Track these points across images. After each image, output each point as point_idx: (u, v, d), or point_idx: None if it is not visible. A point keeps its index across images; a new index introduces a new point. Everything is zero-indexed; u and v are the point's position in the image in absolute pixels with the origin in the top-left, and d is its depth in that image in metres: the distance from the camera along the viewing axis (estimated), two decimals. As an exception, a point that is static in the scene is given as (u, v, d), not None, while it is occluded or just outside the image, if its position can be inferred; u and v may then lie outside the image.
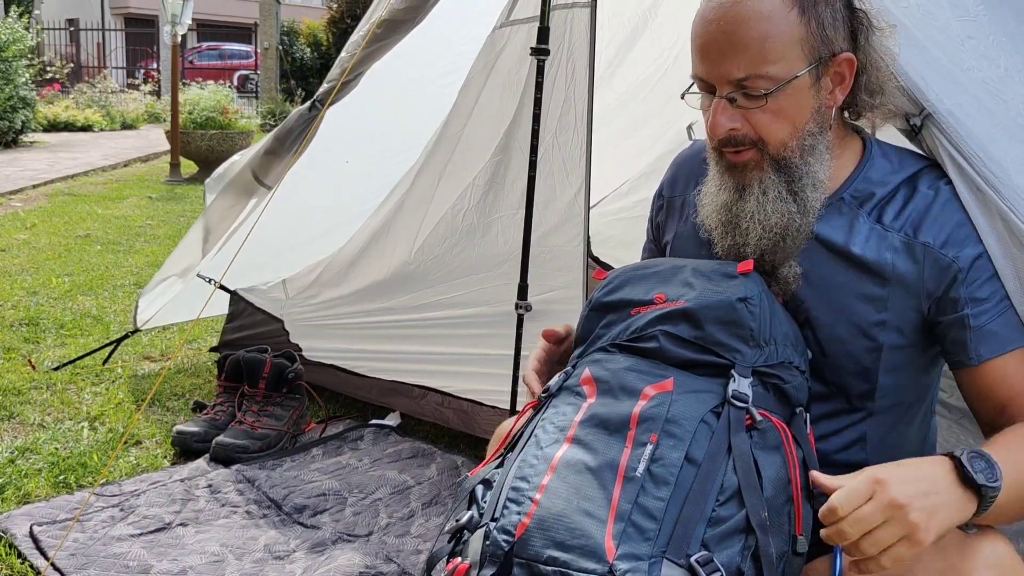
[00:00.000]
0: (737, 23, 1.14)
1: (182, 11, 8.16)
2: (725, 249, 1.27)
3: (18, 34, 10.49)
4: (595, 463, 1.03)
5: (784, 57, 1.16)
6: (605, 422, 1.07)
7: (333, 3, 19.03)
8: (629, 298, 1.22)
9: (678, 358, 1.14)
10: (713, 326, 1.14)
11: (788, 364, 1.16)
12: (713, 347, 1.13)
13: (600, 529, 0.97)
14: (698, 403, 1.08)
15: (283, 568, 1.87)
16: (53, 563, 1.81)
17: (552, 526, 0.98)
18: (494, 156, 2.44)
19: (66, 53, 20.33)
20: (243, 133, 8.62)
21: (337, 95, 2.30)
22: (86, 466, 2.29)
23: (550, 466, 1.04)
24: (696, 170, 1.42)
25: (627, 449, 1.03)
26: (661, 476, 1.01)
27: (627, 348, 1.17)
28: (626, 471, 1.01)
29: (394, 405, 2.72)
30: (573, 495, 1.00)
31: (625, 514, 0.98)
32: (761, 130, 1.19)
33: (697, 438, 1.04)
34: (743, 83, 1.16)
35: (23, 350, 3.21)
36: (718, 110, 1.18)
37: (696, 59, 1.19)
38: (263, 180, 2.52)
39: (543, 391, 1.20)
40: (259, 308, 2.96)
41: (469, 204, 2.52)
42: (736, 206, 1.24)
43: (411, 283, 2.68)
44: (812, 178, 1.22)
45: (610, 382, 1.12)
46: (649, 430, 1.04)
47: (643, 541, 0.96)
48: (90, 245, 5.15)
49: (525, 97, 2.31)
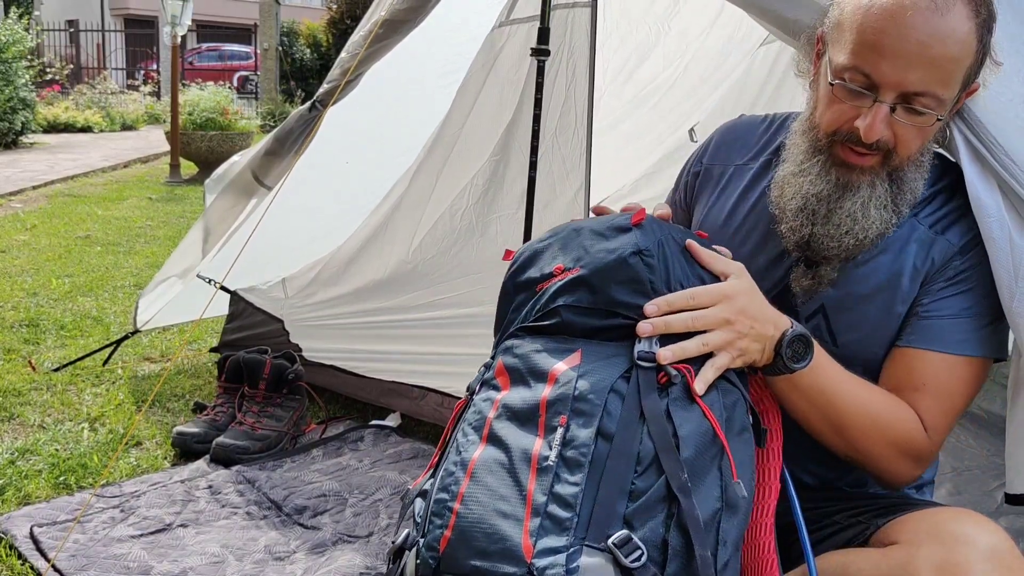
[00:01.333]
0: (937, 39, 1.10)
1: (182, 12, 8.16)
2: (795, 232, 1.25)
3: (18, 35, 10.49)
4: (508, 459, 0.99)
5: (956, 82, 1.15)
6: (516, 413, 1.04)
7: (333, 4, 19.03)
8: (533, 275, 1.18)
9: (584, 327, 1.10)
10: (611, 287, 1.10)
11: None
12: (616, 308, 1.10)
13: (517, 528, 0.94)
14: (607, 372, 1.04)
15: (283, 569, 1.87)
16: (54, 564, 1.80)
17: (471, 534, 0.95)
18: (493, 156, 2.43)
19: (66, 54, 20.33)
20: (243, 134, 8.62)
21: (337, 96, 2.30)
22: (86, 467, 2.29)
23: (467, 472, 1.00)
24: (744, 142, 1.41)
25: (539, 438, 1.00)
26: (573, 459, 0.97)
27: (534, 329, 1.13)
28: (539, 461, 0.98)
29: (394, 406, 2.71)
30: (489, 498, 0.97)
31: (540, 507, 0.95)
32: (901, 143, 1.17)
33: (609, 410, 1.00)
34: (913, 96, 1.13)
35: (23, 351, 3.20)
36: (879, 116, 1.14)
37: (871, 55, 1.13)
38: (263, 181, 2.52)
39: (467, 389, 1.16)
40: (259, 308, 2.96)
41: (467, 203, 2.51)
42: (834, 201, 1.21)
43: (410, 282, 2.68)
44: (913, 193, 1.23)
45: (521, 369, 1.09)
46: (558, 412, 1.01)
47: (560, 532, 0.93)
48: (90, 246, 5.15)
49: (524, 96, 2.31)
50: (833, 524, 1.26)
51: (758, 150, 1.40)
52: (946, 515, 1.12)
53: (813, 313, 1.29)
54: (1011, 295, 1.21)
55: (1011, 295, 1.21)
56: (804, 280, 1.27)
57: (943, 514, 1.13)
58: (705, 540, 0.94)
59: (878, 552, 1.13)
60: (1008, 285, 1.21)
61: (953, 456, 2.24)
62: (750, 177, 1.39)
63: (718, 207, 1.40)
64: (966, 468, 2.19)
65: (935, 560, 1.04)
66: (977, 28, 1.12)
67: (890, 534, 1.15)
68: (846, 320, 1.28)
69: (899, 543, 1.11)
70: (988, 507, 1.95)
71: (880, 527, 1.19)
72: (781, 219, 1.27)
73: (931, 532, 1.08)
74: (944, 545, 1.04)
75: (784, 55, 2.89)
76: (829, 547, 1.20)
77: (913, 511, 1.18)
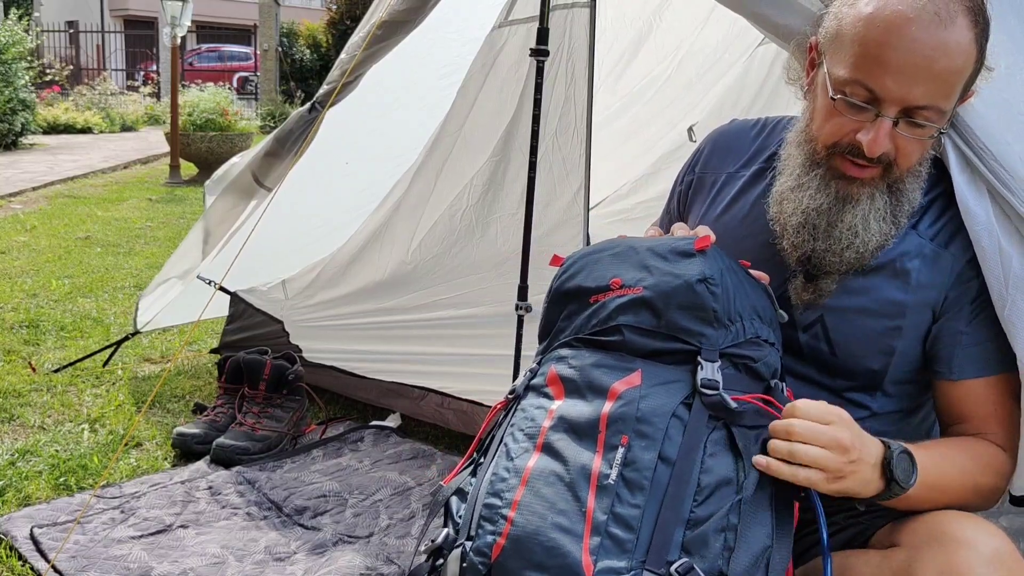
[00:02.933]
0: (942, 53, 1.08)
1: (181, 13, 8.17)
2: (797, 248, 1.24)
3: (18, 36, 10.49)
4: (566, 472, 1.00)
5: (956, 92, 1.14)
6: (574, 426, 1.04)
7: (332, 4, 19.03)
8: (586, 285, 1.17)
9: (644, 348, 1.10)
10: (675, 312, 1.10)
11: (756, 339, 1.13)
12: (677, 333, 1.10)
13: (576, 545, 0.94)
14: (668, 396, 1.04)
15: (284, 570, 1.87)
16: (54, 565, 1.80)
17: (528, 545, 0.95)
18: (492, 156, 2.44)
19: (66, 55, 20.31)
20: (243, 135, 8.62)
21: (337, 97, 2.30)
22: (86, 468, 2.29)
23: (521, 479, 1.01)
24: (735, 149, 1.40)
25: (598, 454, 1.00)
26: (635, 481, 0.98)
27: (591, 342, 1.13)
28: (599, 479, 0.98)
29: (394, 406, 2.71)
30: (547, 510, 0.97)
31: (601, 526, 0.95)
32: (902, 156, 1.16)
33: (670, 435, 1.01)
34: (916, 110, 1.11)
35: (23, 352, 3.20)
36: (882, 131, 1.12)
37: (874, 69, 1.10)
38: (263, 182, 2.52)
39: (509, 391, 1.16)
40: (259, 309, 2.96)
41: (467, 204, 2.52)
42: (835, 214, 1.19)
43: (410, 283, 2.68)
44: (911, 203, 1.21)
45: (577, 381, 1.09)
46: (619, 432, 1.01)
47: (621, 554, 0.94)
48: (90, 247, 5.15)
49: (524, 97, 2.31)
50: (833, 525, 1.26)
51: (749, 157, 1.38)
52: (947, 517, 1.12)
53: (812, 323, 1.28)
54: (1003, 303, 1.20)
55: (1003, 303, 1.20)
56: (805, 294, 1.26)
57: (944, 516, 1.13)
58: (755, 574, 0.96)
59: (879, 554, 1.13)
60: (999, 293, 1.20)
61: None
62: (741, 185, 1.37)
63: (710, 216, 1.39)
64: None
65: (936, 563, 1.03)
66: (977, 37, 1.11)
67: (891, 536, 1.15)
68: (845, 331, 1.27)
69: (900, 545, 1.11)
70: (988, 507, 1.95)
71: (881, 528, 1.19)
72: (783, 235, 1.25)
73: (932, 535, 1.08)
74: (945, 548, 1.04)
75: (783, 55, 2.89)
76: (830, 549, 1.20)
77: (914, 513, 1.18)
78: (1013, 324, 1.20)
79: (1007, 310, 1.20)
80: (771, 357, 1.14)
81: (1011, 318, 1.20)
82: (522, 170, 2.26)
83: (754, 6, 1.46)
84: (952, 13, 1.08)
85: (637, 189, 3.61)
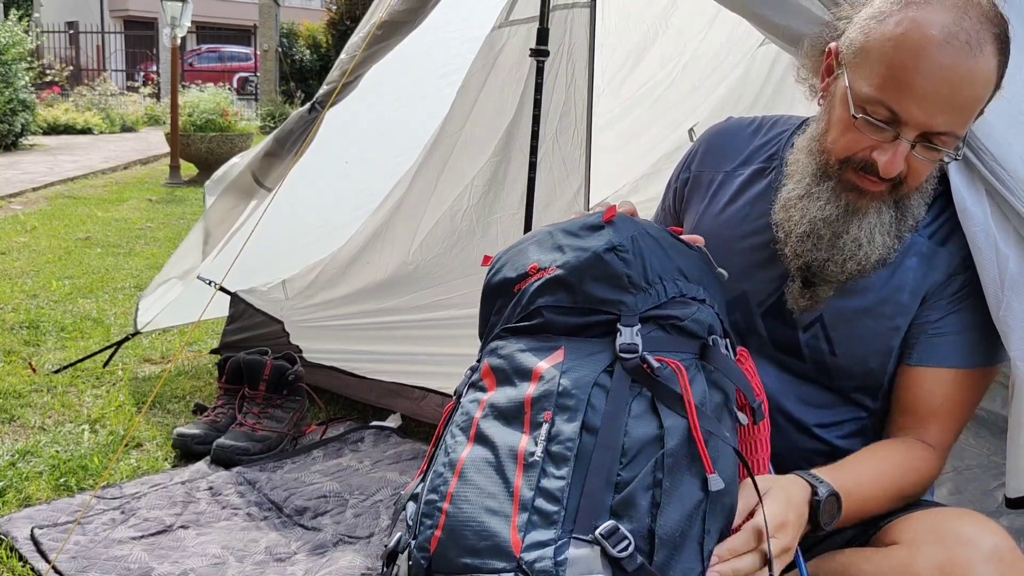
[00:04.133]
0: (968, 83, 1.08)
1: (181, 13, 8.17)
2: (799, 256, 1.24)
3: (17, 37, 10.49)
4: (496, 457, 1.00)
5: (974, 119, 1.14)
6: (503, 412, 1.05)
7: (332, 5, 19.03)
8: (509, 276, 1.19)
9: (565, 326, 1.11)
10: (589, 284, 1.11)
11: (682, 298, 1.13)
12: (595, 305, 1.10)
13: (505, 524, 0.94)
14: (590, 367, 1.04)
15: (284, 570, 1.87)
16: (54, 566, 1.80)
17: (461, 533, 0.96)
18: (493, 156, 2.44)
19: (65, 56, 20.31)
20: (243, 135, 8.63)
21: (337, 97, 2.30)
22: (87, 469, 2.29)
23: (455, 472, 1.01)
24: (732, 148, 1.40)
25: (525, 434, 1.01)
26: (559, 453, 0.98)
27: (517, 330, 1.14)
28: (525, 457, 0.99)
29: (394, 407, 2.71)
30: (477, 496, 0.98)
31: (528, 502, 0.95)
32: (912, 175, 1.16)
33: (593, 404, 1.01)
34: (935, 135, 1.11)
35: (23, 353, 3.20)
36: (900, 153, 1.12)
37: (899, 92, 1.09)
38: (263, 182, 2.52)
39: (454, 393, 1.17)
40: (259, 310, 2.96)
41: (468, 204, 2.52)
42: (840, 226, 1.20)
43: (410, 284, 2.68)
44: (915, 218, 1.22)
45: (506, 369, 1.09)
46: (543, 409, 1.01)
47: (548, 526, 0.94)
48: (90, 248, 5.15)
49: (524, 97, 2.31)
50: (833, 524, 1.26)
51: (748, 156, 1.38)
52: (947, 515, 1.12)
53: (811, 323, 1.29)
54: (998, 304, 1.20)
55: (998, 304, 1.20)
56: (801, 300, 1.27)
57: (944, 514, 1.13)
58: (690, 530, 0.95)
59: (879, 552, 1.13)
60: (995, 294, 1.20)
61: (954, 455, 2.23)
62: (740, 183, 1.37)
63: (709, 214, 1.39)
64: (967, 467, 2.18)
65: (936, 560, 1.03)
66: (1000, 64, 1.11)
67: (891, 534, 1.15)
68: (844, 331, 1.27)
69: (900, 543, 1.11)
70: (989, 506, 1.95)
71: (881, 527, 1.19)
72: (786, 241, 1.25)
73: (932, 532, 1.08)
74: (945, 545, 1.04)
75: (784, 56, 2.89)
76: (830, 547, 1.20)
77: (914, 511, 1.18)
78: (1008, 325, 1.20)
79: (1002, 311, 1.20)
80: (702, 314, 1.12)
81: (1006, 319, 1.20)
82: (523, 170, 2.26)
83: (754, 7, 1.46)
84: (981, 42, 1.07)
85: (637, 189, 3.61)
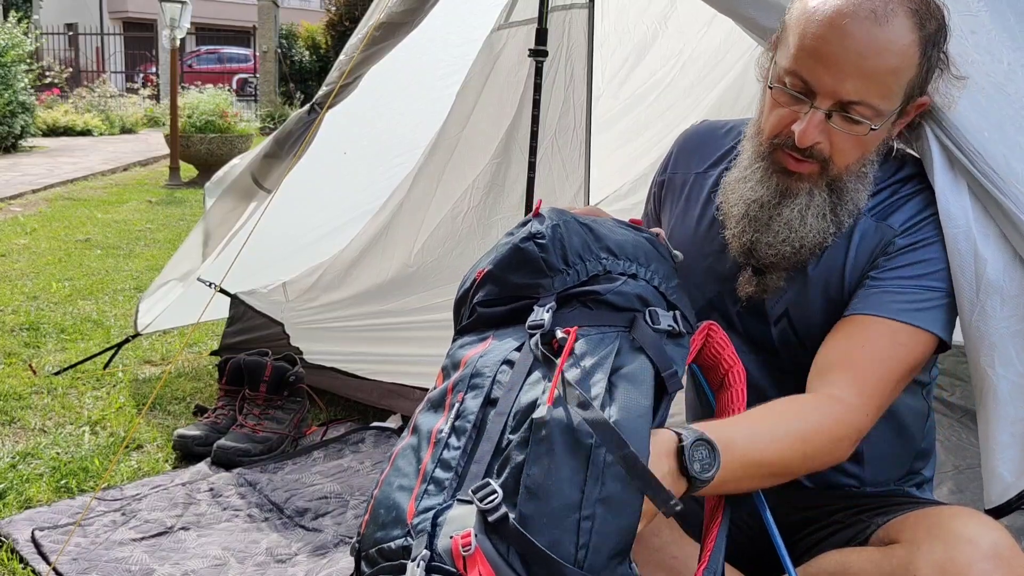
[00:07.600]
0: (875, 51, 1.10)
1: (180, 15, 8.17)
2: (737, 238, 1.26)
3: (17, 39, 10.49)
4: (417, 441, 1.07)
5: (895, 94, 1.15)
6: (432, 402, 1.12)
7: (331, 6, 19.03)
8: (465, 287, 1.25)
9: (494, 317, 1.17)
10: (511, 275, 1.17)
11: (607, 274, 1.14)
12: (517, 292, 1.16)
13: (407, 497, 1.00)
14: (504, 347, 1.09)
15: (285, 571, 1.87)
16: (55, 568, 1.80)
17: (376, 512, 1.02)
18: (494, 158, 2.44)
19: (65, 58, 20.30)
20: (242, 137, 8.62)
21: (336, 98, 2.30)
22: (87, 470, 2.29)
23: (390, 462, 1.09)
24: (703, 150, 1.42)
25: (443, 417, 1.07)
26: (460, 427, 1.03)
27: (463, 330, 1.21)
28: (437, 435, 1.04)
29: (395, 407, 2.71)
30: (396, 477, 1.04)
31: (428, 475, 1.00)
32: (837, 152, 1.18)
33: (498, 380, 1.05)
34: (849, 104, 1.13)
35: (24, 355, 3.21)
36: (813, 121, 1.15)
37: (809, 61, 1.14)
38: (263, 183, 2.52)
39: None
40: (259, 311, 2.96)
41: (469, 206, 2.52)
42: (773, 208, 1.22)
43: (411, 285, 2.68)
44: (855, 204, 1.23)
45: (447, 367, 1.16)
46: (458, 391, 1.08)
47: (439, 492, 0.98)
48: (90, 249, 5.15)
49: (524, 99, 2.32)
50: (833, 523, 1.26)
51: (718, 157, 1.40)
52: (947, 513, 1.12)
53: (780, 316, 1.30)
54: (972, 308, 1.19)
55: (972, 308, 1.19)
56: (748, 287, 1.29)
57: (944, 512, 1.13)
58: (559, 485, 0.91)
59: (879, 551, 1.13)
60: (969, 298, 1.19)
61: (954, 454, 2.24)
62: (710, 185, 1.39)
63: (680, 217, 1.41)
64: (967, 466, 2.19)
65: (936, 559, 1.03)
66: (921, 41, 1.12)
67: (891, 533, 1.15)
68: (807, 320, 1.28)
69: (900, 542, 1.11)
70: (989, 506, 1.95)
71: (881, 526, 1.19)
72: (726, 224, 1.28)
73: (932, 531, 1.08)
74: (945, 544, 1.04)
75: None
76: (829, 546, 1.20)
77: (914, 510, 1.18)
78: (979, 331, 1.19)
79: (975, 315, 1.19)
80: (627, 287, 1.12)
81: (979, 324, 1.19)
82: (523, 171, 2.26)
83: (741, 8, 1.47)
84: (889, 13, 1.11)
85: (636, 189, 3.61)
